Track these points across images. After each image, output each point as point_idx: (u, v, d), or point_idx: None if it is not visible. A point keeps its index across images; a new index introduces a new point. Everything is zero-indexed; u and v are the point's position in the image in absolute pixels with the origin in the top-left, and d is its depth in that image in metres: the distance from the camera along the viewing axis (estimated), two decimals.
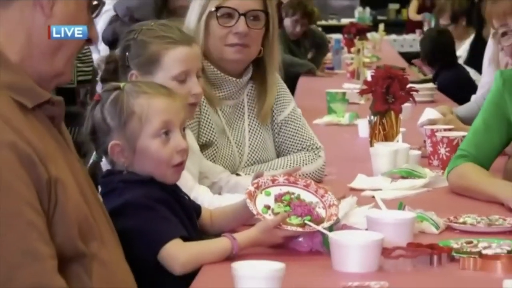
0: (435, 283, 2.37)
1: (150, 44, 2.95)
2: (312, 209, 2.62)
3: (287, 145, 3.52)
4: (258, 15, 3.32)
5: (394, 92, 4.08)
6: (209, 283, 2.35)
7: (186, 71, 2.93)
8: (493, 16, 3.43)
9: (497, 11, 3.40)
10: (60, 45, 2.17)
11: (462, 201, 3.23)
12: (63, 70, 2.22)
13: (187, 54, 2.95)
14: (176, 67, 2.93)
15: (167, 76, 2.91)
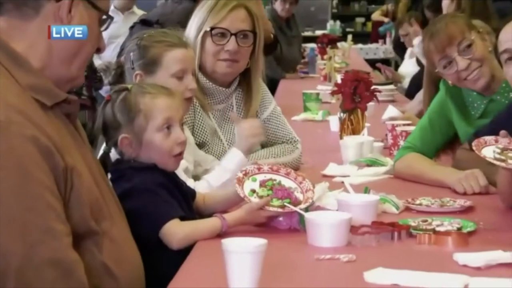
0: (396, 256, 2.35)
1: (152, 48, 2.98)
2: (291, 193, 2.61)
3: (269, 139, 3.52)
4: (247, 34, 3.33)
5: (360, 93, 4.08)
6: (202, 257, 2.34)
7: (183, 69, 2.97)
8: (432, 51, 3.39)
9: (435, 44, 3.37)
10: (76, 54, 2.17)
11: (418, 186, 3.22)
12: (77, 75, 2.22)
13: (184, 55, 2.99)
14: (174, 66, 2.96)
15: (167, 74, 2.95)
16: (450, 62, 3.33)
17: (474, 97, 3.45)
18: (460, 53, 3.31)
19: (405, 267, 2.17)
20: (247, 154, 3.14)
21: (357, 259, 2.27)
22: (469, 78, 3.34)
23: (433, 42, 3.37)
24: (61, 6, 2.10)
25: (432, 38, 3.38)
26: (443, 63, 3.36)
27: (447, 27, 3.36)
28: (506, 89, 3.36)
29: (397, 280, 2.07)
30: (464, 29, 3.34)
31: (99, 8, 2.19)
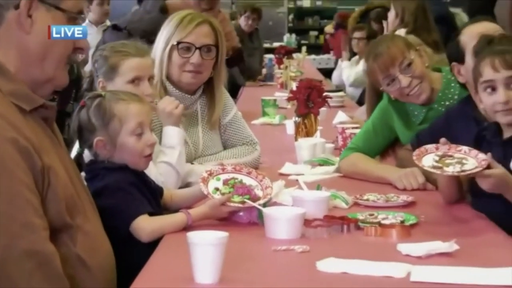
0: (345, 246, 2.36)
1: (111, 57, 3.00)
2: (251, 190, 2.62)
3: (231, 141, 3.52)
4: (211, 48, 3.32)
5: (313, 99, 4.09)
6: (169, 249, 2.33)
7: (138, 76, 2.97)
8: (376, 70, 3.40)
9: (379, 65, 3.38)
10: (45, 55, 2.14)
11: (366, 183, 3.23)
12: (54, 75, 2.18)
13: (139, 63, 2.99)
14: (130, 73, 2.96)
15: (123, 81, 2.95)
16: (393, 80, 3.35)
17: (415, 106, 3.47)
18: (402, 72, 3.33)
19: (354, 257, 2.17)
20: (178, 125, 3.13)
21: (310, 250, 2.27)
22: (411, 93, 3.36)
23: (376, 63, 3.38)
24: (20, 12, 2.07)
25: (375, 59, 3.39)
26: (386, 81, 3.38)
27: (389, 49, 3.37)
28: (443, 98, 3.41)
29: (346, 269, 2.08)
30: (404, 50, 3.36)
31: (63, 9, 2.14)
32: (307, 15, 21.79)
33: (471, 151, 2.64)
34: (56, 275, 1.99)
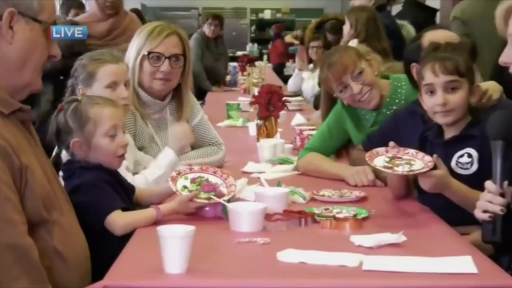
0: (303, 238, 2.35)
1: (88, 65, 2.98)
2: (217, 187, 2.62)
3: (198, 142, 3.50)
4: (179, 57, 3.31)
5: (273, 103, 4.10)
6: (141, 242, 2.31)
7: (115, 81, 2.95)
8: (330, 78, 3.39)
9: (333, 73, 3.38)
10: (24, 62, 2.12)
11: (321, 180, 3.22)
12: (31, 80, 2.16)
13: (115, 69, 2.98)
14: (107, 79, 2.95)
15: (101, 86, 2.93)
16: (345, 87, 3.35)
17: (366, 111, 3.49)
18: (353, 80, 3.33)
19: (311, 248, 2.17)
20: (179, 154, 3.14)
21: (271, 242, 2.27)
22: (362, 99, 3.37)
23: (330, 71, 3.38)
24: (2, 24, 2.05)
25: (329, 68, 3.39)
26: (339, 88, 3.38)
27: (342, 59, 3.37)
28: (390, 103, 3.43)
29: (304, 259, 2.08)
30: (355, 59, 3.36)
31: (40, 21, 2.12)
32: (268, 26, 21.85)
33: (418, 153, 2.65)
34: (34, 267, 1.97)
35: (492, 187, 2.13)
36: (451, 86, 2.72)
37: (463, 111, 2.75)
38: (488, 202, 2.13)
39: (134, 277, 1.97)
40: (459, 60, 2.73)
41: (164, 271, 1.97)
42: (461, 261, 2.04)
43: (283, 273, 2.02)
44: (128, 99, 3.01)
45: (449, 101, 2.71)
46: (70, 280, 2.13)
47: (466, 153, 2.75)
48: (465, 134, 2.77)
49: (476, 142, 2.72)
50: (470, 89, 2.75)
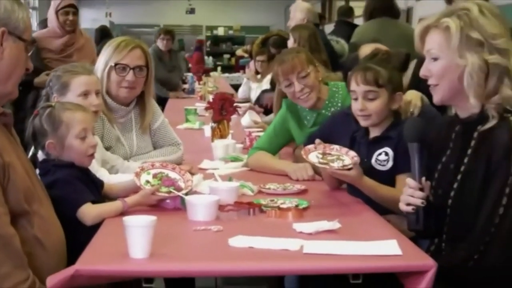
0: (251, 226, 2.35)
1: (63, 76, 2.93)
2: (176, 182, 2.61)
3: (159, 143, 3.47)
4: (142, 68, 3.28)
5: (226, 108, 4.11)
6: (109, 231, 2.29)
7: (86, 91, 2.91)
8: (279, 73, 3.41)
9: (282, 70, 3.39)
10: (10, 75, 2.11)
11: (268, 175, 3.22)
12: (13, 90, 2.16)
13: (86, 80, 2.93)
14: (79, 88, 2.90)
15: (74, 95, 2.88)
16: (290, 84, 3.37)
17: (307, 112, 3.51)
18: (298, 80, 3.35)
19: (258, 234, 2.17)
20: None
21: (224, 229, 2.27)
22: (301, 98, 3.39)
23: (280, 68, 3.39)
24: None
25: (280, 65, 3.41)
26: (285, 83, 3.40)
27: (293, 60, 3.38)
28: (329, 106, 3.45)
29: (252, 244, 2.08)
30: (304, 63, 3.37)
31: (24, 40, 2.12)
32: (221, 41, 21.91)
33: (342, 149, 2.69)
34: (16, 253, 1.98)
35: (413, 183, 2.15)
36: (369, 95, 2.75)
37: (381, 116, 2.78)
38: (410, 196, 2.15)
39: (102, 261, 1.95)
40: (380, 72, 2.75)
41: (129, 256, 1.95)
42: (388, 245, 2.07)
43: (234, 257, 2.03)
44: (99, 106, 2.97)
45: (367, 107, 2.75)
46: (48, 265, 2.11)
47: (384, 151, 2.78)
48: (384, 135, 2.80)
49: (393, 143, 2.76)
50: (391, 97, 2.78)
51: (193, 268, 1.99)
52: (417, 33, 2.23)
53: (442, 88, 2.18)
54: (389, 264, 1.97)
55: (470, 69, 2.10)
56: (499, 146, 2.05)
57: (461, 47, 2.11)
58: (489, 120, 2.11)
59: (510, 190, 2.03)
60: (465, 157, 2.16)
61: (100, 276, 1.93)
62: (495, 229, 2.04)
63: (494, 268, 2.06)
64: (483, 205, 2.07)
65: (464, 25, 2.12)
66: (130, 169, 3.00)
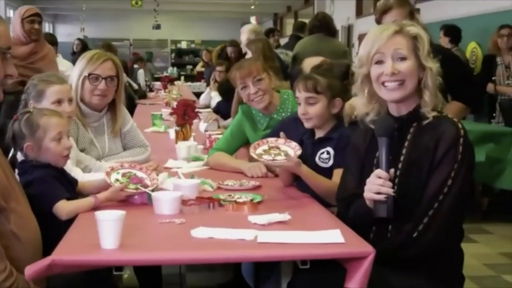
0: (211, 219, 2.33)
1: (38, 85, 2.88)
2: (143, 180, 2.59)
3: (129, 145, 3.44)
4: (113, 78, 3.24)
5: (188, 114, 4.09)
6: (82, 224, 2.25)
7: (59, 99, 2.86)
8: (237, 77, 3.42)
9: (239, 74, 3.40)
10: None
11: (226, 173, 3.21)
12: None
13: (59, 89, 2.88)
14: (53, 96, 2.85)
15: (48, 102, 2.84)
16: (245, 87, 3.39)
17: (260, 116, 3.51)
18: (253, 83, 3.37)
19: (217, 226, 2.16)
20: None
21: (186, 222, 2.25)
22: (255, 100, 3.41)
23: (238, 72, 3.42)
24: None
25: (238, 69, 3.44)
26: (241, 86, 3.42)
27: (250, 65, 3.42)
28: (280, 111, 3.47)
29: (212, 234, 2.07)
30: (259, 69, 3.41)
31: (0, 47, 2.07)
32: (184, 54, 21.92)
33: (279, 139, 2.71)
34: None
35: (383, 173, 2.09)
36: (309, 101, 2.82)
37: (321, 119, 2.84)
38: (381, 186, 2.08)
39: (76, 252, 1.92)
40: (319, 80, 2.82)
41: (100, 247, 1.92)
42: (332, 234, 2.07)
43: (196, 246, 2.01)
44: (71, 113, 2.92)
45: (308, 112, 2.82)
46: (24, 256, 2.07)
47: (326, 150, 2.83)
48: (327, 136, 2.85)
49: (334, 143, 2.81)
50: (330, 103, 2.82)
51: (159, 257, 1.96)
52: (386, 35, 2.17)
53: (408, 85, 2.17)
54: (333, 251, 1.97)
55: (431, 72, 2.16)
56: (447, 137, 2.09)
57: (427, 54, 2.17)
58: (424, 117, 2.17)
59: (455, 174, 2.06)
60: (403, 149, 2.18)
61: (74, 265, 1.89)
62: (438, 204, 2.07)
63: (433, 241, 2.08)
64: (429, 185, 2.09)
65: (427, 37, 2.20)
66: (102, 169, 2.96)
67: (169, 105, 7.24)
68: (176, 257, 1.99)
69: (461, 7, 8.28)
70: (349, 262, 1.97)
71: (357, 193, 2.22)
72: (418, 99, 2.20)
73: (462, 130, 2.11)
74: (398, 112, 2.23)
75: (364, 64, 2.22)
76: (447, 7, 8.55)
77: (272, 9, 19.81)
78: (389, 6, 3.50)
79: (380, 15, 3.52)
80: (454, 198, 2.07)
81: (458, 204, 2.10)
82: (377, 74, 2.19)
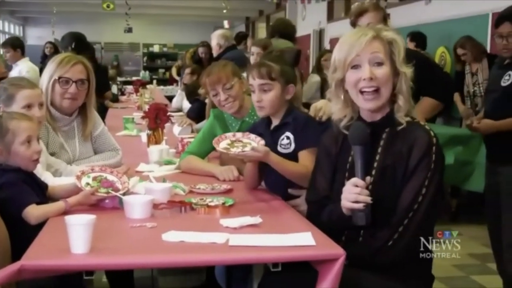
0: (183, 222, 2.33)
1: (9, 89, 2.85)
2: (114, 184, 2.57)
3: (100, 148, 3.42)
4: (84, 81, 3.22)
5: (160, 117, 4.07)
6: (52, 229, 2.22)
7: (30, 103, 2.85)
8: (207, 83, 3.41)
9: (209, 81, 3.39)
10: None
11: (198, 177, 3.20)
12: None
13: (30, 93, 2.86)
14: (23, 101, 2.83)
15: (19, 107, 2.82)
16: (216, 94, 3.38)
17: (232, 120, 3.50)
18: (223, 90, 3.35)
19: (189, 229, 2.15)
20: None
21: (158, 226, 2.23)
22: (225, 106, 3.39)
23: (208, 79, 3.40)
24: None
25: (208, 76, 3.41)
26: (212, 93, 3.40)
27: (219, 72, 3.39)
28: (252, 114, 3.45)
29: (183, 238, 2.06)
30: (229, 75, 3.38)
31: None
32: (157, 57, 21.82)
33: (250, 135, 2.70)
34: None
35: (361, 182, 2.07)
36: (264, 88, 2.82)
37: (276, 106, 2.84)
38: (358, 194, 2.06)
39: (46, 257, 1.89)
40: (273, 67, 2.82)
41: (71, 252, 1.90)
42: (303, 236, 2.08)
43: (167, 250, 1.99)
44: (41, 117, 2.90)
45: (263, 99, 2.83)
46: None
47: (285, 136, 2.82)
48: (283, 122, 2.85)
49: (290, 127, 2.81)
50: (284, 89, 2.83)
51: (130, 261, 1.95)
52: (364, 40, 2.15)
53: (383, 93, 2.16)
54: (304, 253, 1.98)
55: (406, 77, 2.16)
56: (420, 144, 2.09)
57: (402, 59, 2.17)
58: (397, 122, 2.17)
59: (428, 183, 2.07)
60: (377, 155, 2.18)
61: (44, 270, 1.87)
62: (413, 213, 2.07)
63: (408, 248, 2.09)
64: (403, 194, 2.08)
65: (402, 42, 2.20)
66: (73, 173, 2.93)
67: (141, 108, 7.22)
68: (147, 261, 1.97)
69: (429, 13, 8.39)
70: (320, 264, 1.98)
71: (329, 196, 2.23)
72: (391, 104, 2.19)
73: (434, 138, 2.11)
74: (371, 117, 2.22)
75: (339, 69, 2.19)
76: (416, 13, 8.65)
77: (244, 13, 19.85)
78: (364, 8, 3.53)
79: (356, 17, 3.54)
80: (427, 206, 2.08)
81: (432, 210, 2.11)
82: (354, 80, 2.17)
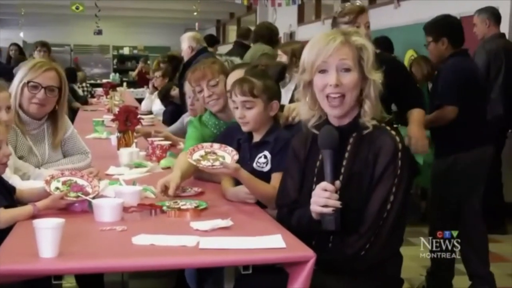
0: (153, 225, 2.31)
1: None
2: (84, 188, 2.55)
3: (69, 151, 3.38)
4: (54, 89, 3.17)
5: (130, 120, 4.05)
6: (20, 233, 2.18)
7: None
8: (192, 80, 3.39)
9: (194, 77, 3.38)
10: None
11: None
12: None
13: None
14: None
15: None
16: (201, 91, 3.36)
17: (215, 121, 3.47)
18: (207, 87, 3.34)
19: (159, 232, 2.14)
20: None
21: (128, 229, 2.22)
22: (210, 103, 3.36)
23: (193, 75, 3.39)
24: None
25: (193, 72, 3.41)
26: (198, 89, 3.40)
27: (205, 69, 3.38)
28: None
29: (153, 241, 2.05)
30: (215, 73, 3.36)
31: None
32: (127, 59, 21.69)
33: (226, 147, 2.68)
34: None
35: (330, 186, 2.05)
36: (246, 105, 2.80)
37: (259, 122, 2.83)
38: (328, 198, 2.05)
39: (14, 261, 1.86)
40: (255, 83, 2.79)
41: (39, 256, 1.88)
42: (273, 239, 2.08)
43: (138, 253, 1.98)
44: (9, 121, 2.86)
45: (245, 116, 2.82)
46: None
47: (263, 155, 2.81)
48: (263, 140, 2.84)
49: (270, 146, 2.80)
50: (267, 106, 2.82)
51: (99, 265, 1.93)
52: (332, 46, 2.13)
53: (348, 100, 2.15)
54: (275, 256, 1.98)
55: (374, 83, 2.15)
56: (386, 151, 2.09)
57: (371, 65, 2.15)
58: (364, 127, 2.17)
59: (396, 189, 2.07)
60: (344, 160, 2.17)
61: (11, 275, 1.83)
62: (383, 221, 2.08)
63: (379, 255, 2.11)
64: (372, 202, 2.08)
65: (372, 47, 2.18)
66: (42, 176, 2.88)
67: (111, 111, 7.16)
68: (116, 265, 1.96)
69: (398, 16, 8.49)
70: (291, 266, 1.99)
71: (298, 200, 2.23)
72: (358, 108, 2.19)
73: (400, 144, 2.11)
74: (338, 122, 2.23)
75: (307, 71, 2.19)
76: (385, 16, 8.73)
77: (215, 15, 19.81)
78: (362, 7, 3.53)
79: (357, 14, 3.50)
80: (396, 213, 2.09)
81: (400, 217, 2.12)
82: (321, 84, 2.17)
